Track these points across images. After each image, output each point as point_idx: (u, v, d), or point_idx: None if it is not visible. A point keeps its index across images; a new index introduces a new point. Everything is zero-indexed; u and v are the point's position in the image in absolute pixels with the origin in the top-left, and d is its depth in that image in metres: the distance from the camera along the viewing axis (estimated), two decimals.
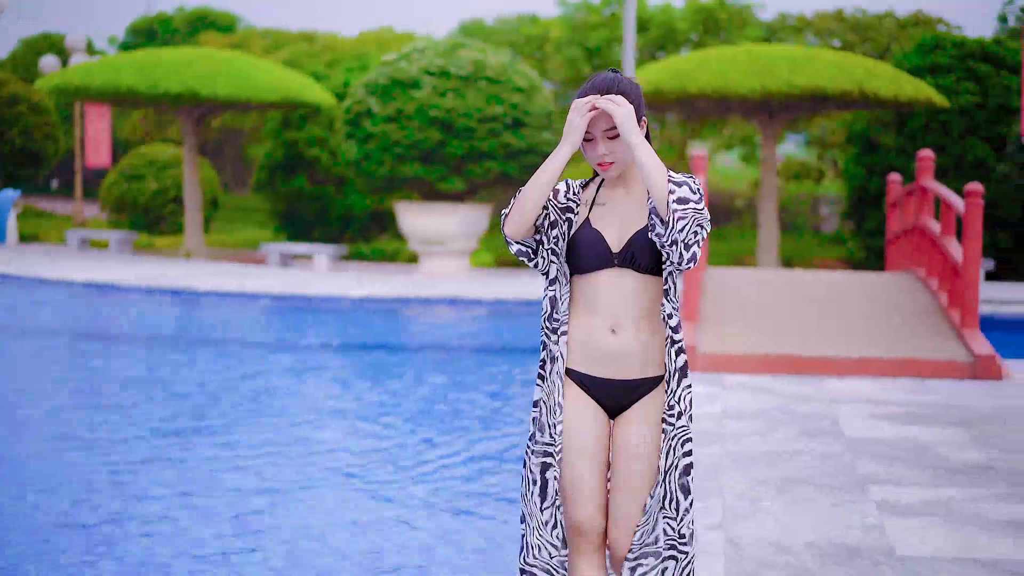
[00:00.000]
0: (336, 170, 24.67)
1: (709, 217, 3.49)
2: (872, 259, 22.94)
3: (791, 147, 38.31)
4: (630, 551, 3.70)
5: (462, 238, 20.61)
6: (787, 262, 22.98)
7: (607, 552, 3.80)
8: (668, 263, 3.55)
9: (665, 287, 3.62)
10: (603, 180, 3.72)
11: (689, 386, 3.66)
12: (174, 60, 21.97)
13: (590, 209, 3.67)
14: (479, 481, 7.62)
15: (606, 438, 3.71)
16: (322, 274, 19.97)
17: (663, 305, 3.62)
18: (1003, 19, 32.31)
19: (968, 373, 10.23)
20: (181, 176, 25.38)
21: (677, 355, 3.62)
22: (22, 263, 20.33)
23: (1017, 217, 21.29)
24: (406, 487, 7.37)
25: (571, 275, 3.66)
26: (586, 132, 3.59)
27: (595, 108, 3.56)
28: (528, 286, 18.08)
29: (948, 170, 20.74)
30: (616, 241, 3.61)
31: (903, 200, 15.46)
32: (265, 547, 6.13)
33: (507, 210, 3.63)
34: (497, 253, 24.10)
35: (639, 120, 3.58)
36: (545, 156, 20.47)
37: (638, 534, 3.68)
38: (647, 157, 3.48)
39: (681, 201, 3.42)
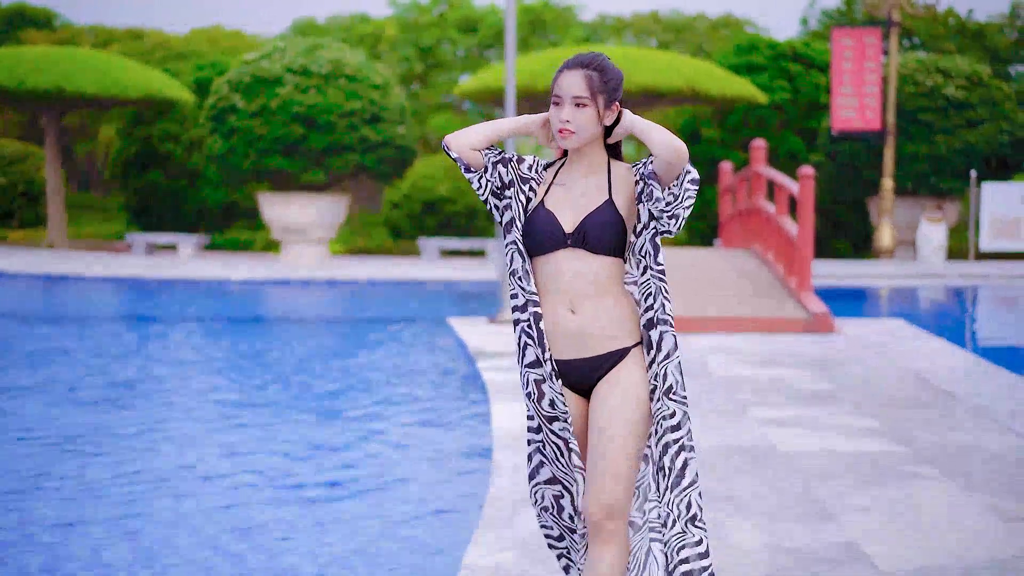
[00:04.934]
0: (190, 164, 25.47)
1: None
2: (696, 240, 24.96)
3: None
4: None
5: (322, 228, 21.79)
6: None
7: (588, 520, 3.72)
8: (645, 233, 3.63)
9: (634, 264, 3.68)
10: (563, 163, 3.74)
11: (666, 361, 3.63)
12: (38, 57, 22.44)
13: (547, 191, 3.70)
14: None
15: (584, 420, 3.71)
16: (197, 261, 20.91)
17: (627, 282, 3.69)
18: (804, 22, 35.01)
19: (807, 327, 12.08)
20: (29, 171, 25.79)
21: (649, 330, 3.65)
22: None
23: (826, 202, 23.55)
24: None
25: (531, 257, 3.70)
26: (556, 96, 3.61)
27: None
28: (392, 269, 19.39)
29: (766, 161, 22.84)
30: (569, 222, 3.63)
31: (736, 186, 17.28)
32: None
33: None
34: (349, 243, 25.31)
35: (611, 103, 3.61)
36: (399, 149, 21.82)
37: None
38: (660, 134, 3.53)
39: (693, 182, 3.57)
